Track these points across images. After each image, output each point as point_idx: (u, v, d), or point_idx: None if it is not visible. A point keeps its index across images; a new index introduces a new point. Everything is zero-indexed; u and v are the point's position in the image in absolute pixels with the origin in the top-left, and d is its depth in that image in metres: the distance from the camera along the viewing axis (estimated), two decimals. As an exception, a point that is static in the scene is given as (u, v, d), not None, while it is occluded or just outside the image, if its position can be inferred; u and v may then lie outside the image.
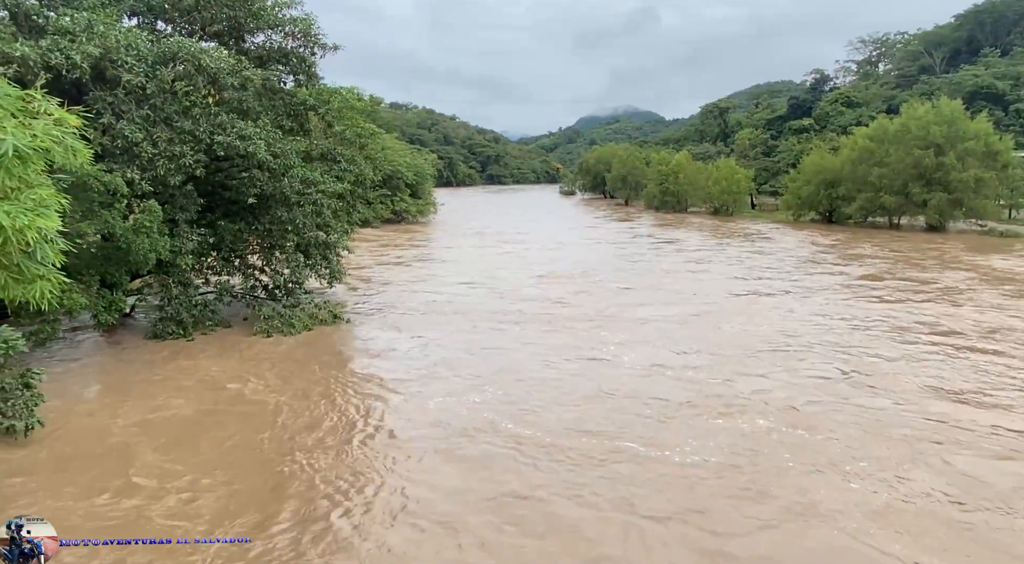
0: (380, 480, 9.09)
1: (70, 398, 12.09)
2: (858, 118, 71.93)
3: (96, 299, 14.32)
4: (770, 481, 8.94)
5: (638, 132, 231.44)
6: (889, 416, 11.27)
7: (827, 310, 19.74)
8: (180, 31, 17.23)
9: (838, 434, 10.48)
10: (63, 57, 12.72)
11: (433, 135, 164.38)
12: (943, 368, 13.93)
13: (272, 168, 16.46)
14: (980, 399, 12.07)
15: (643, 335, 16.87)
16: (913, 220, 46.82)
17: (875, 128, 47.83)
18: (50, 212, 5.32)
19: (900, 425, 10.86)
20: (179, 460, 9.58)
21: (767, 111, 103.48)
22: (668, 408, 11.68)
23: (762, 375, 13.55)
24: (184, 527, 7.79)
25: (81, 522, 7.87)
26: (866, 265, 29.16)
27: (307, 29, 18.04)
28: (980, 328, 17.21)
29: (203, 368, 13.99)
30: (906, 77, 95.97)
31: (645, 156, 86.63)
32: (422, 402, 12.06)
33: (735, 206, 61.38)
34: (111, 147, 13.99)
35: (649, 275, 27.47)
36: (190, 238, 15.89)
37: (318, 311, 17.84)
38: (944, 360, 14.51)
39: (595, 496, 8.59)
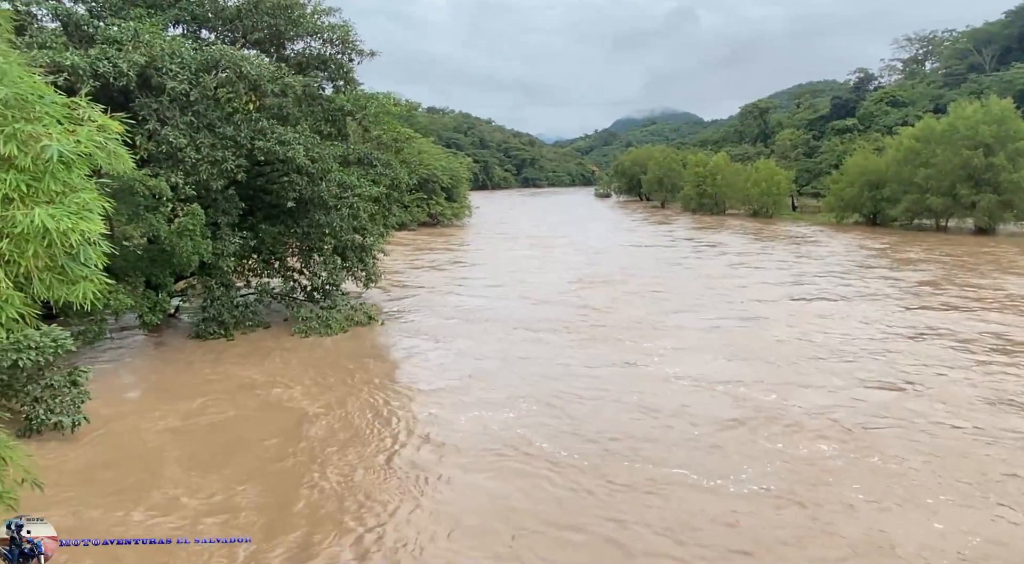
0: (404, 507, 8.38)
1: (113, 398, 12.42)
2: (904, 118, 69.93)
3: (141, 300, 14.76)
4: (837, 517, 7.97)
5: (675, 134, 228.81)
6: (968, 439, 10.19)
7: (883, 318, 18.76)
8: (223, 39, 17.67)
9: (912, 461, 9.41)
10: (111, 65, 13.15)
11: (469, 139, 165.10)
12: (1021, 384, 12.86)
13: (310, 172, 16.75)
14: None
15: (688, 345, 16.04)
16: (961, 222, 45.33)
17: (921, 128, 46.46)
18: (93, 215, 5.45)
19: (982, 450, 9.79)
20: (211, 469, 9.36)
21: (809, 111, 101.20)
22: (719, 428, 10.77)
23: (820, 390, 12.59)
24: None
25: (106, 528, 7.88)
26: (920, 270, 28.09)
27: (345, 36, 18.34)
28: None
29: (242, 371, 14.16)
30: (954, 76, 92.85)
31: (682, 158, 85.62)
32: (453, 416, 11.51)
33: (775, 208, 60.18)
34: (156, 152, 14.40)
35: (691, 280, 26.35)
36: (232, 241, 16.28)
37: (354, 313, 18.07)
38: (1021, 375, 13.43)
39: (642, 533, 7.72)
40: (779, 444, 10.16)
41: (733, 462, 9.55)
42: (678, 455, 9.80)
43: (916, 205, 44.61)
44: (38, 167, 5.32)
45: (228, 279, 17.09)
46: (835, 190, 51.55)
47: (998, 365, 14.18)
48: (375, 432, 10.98)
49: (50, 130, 5.55)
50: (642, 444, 10.20)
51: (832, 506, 8.28)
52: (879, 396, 12.29)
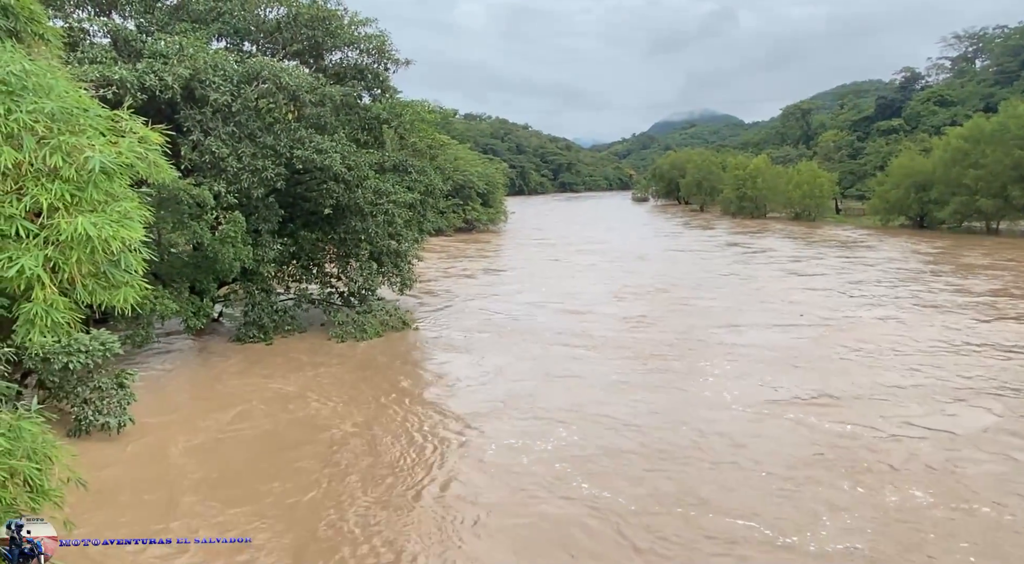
0: (422, 561, 7.51)
1: (155, 403, 12.58)
2: (952, 118, 67.66)
3: (186, 305, 15.22)
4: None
5: (715, 136, 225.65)
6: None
7: (959, 332, 17.14)
8: (263, 51, 18.17)
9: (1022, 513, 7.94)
10: (156, 79, 13.65)
11: (506, 144, 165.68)
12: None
13: (347, 180, 17.06)
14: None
15: (746, 365, 14.59)
16: (1013, 225, 43.65)
17: (970, 128, 44.93)
18: (134, 223, 5.67)
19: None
20: (233, 499, 8.76)
21: (853, 112, 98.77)
22: (789, 467, 9.33)
23: (903, 420, 11.00)
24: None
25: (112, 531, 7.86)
26: (987, 277, 26.20)
27: (381, 46, 18.67)
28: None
29: (278, 381, 14.03)
30: (1006, 73, 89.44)
31: (721, 160, 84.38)
32: (486, 445, 10.50)
33: (818, 211, 58.82)
34: (200, 162, 14.87)
35: (742, 289, 24.78)
36: (272, 247, 16.69)
37: (389, 318, 18.30)
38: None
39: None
40: (861, 488, 8.67)
41: (809, 512, 8.10)
42: (743, 502, 8.36)
43: (965, 207, 43.12)
44: (82, 177, 5.55)
45: (268, 285, 17.50)
46: (880, 192, 50.17)
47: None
48: (404, 462, 10.07)
49: (93, 142, 5.81)
50: (699, 486, 8.81)
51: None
52: (970, 425, 10.79)
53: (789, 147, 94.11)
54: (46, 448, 6.02)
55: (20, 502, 5.35)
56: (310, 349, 16.47)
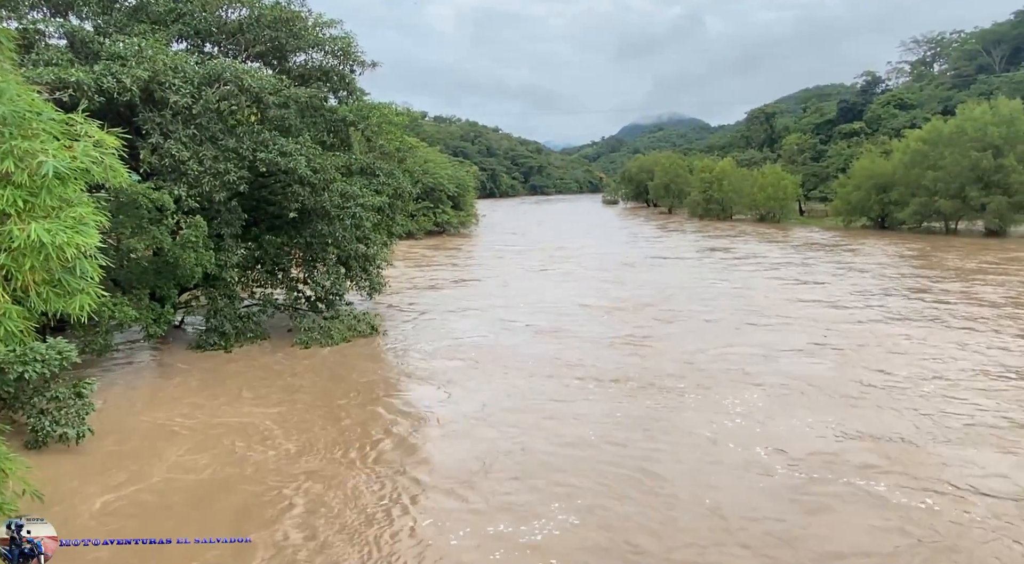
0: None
1: (109, 415, 12.19)
2: (912, 120, 69.58)
3: (146, 312, 14.90)
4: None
5: (682, 139, 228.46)
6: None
7: (1009, 354, 15.23)
8: (225, 53, 17.91)
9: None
10: (114, 81, 13.38)
11: (476, 147, 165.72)
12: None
13: (312, 183, 16.89)
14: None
15: (775, 400, 12.41)
16: (971, 225, 45.02)
17: (929, 130, 46.30)
18: (89, 229, 5.59)
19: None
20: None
21: (816, 115, 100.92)
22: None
23: (1001, 476, 8.80)
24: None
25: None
26: (992, 285, 24.77)
27: (346, 47, 18.54)
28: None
29: (229, 402, 12.96)
30: (963, 77, 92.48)
31: (688, 164, 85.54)
32: (454, 530, 8.03)
33: (782, 213, 60.04)
34: (159, 166, 14.60)
35: (741, 302, 22.59)
36: (235, 252, 16.46)
37: (357, 323, 18.16)
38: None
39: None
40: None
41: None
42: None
43: (925, 208, 44.38)
44: (35, 183, 5.45)
45: (232, 290, 17.23)
46: (842, 194, 51.37)
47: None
48: (355, 550, 7.68)
49: (47, 146, 5.69)
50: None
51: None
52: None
53: (754, 150, 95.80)
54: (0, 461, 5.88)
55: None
56: (270, 360, 15.97)
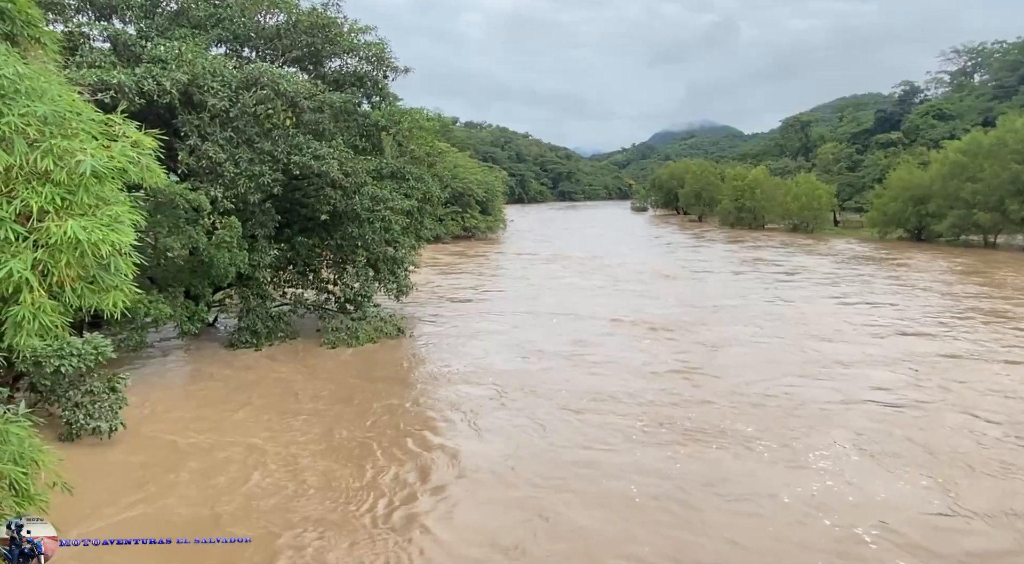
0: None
1: (138, 411, 12.24)
2: (951, 131, 67.93)
3: (180, 310, 15.19)
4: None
5: (715, 147, 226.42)
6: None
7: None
8: (263, 57, 18.23)
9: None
10: (154, 83, 13.69)
11: (506, 153, 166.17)
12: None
13: (344, 186, 17.07)
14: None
15: (865, 450, 10.38)
16: (1010, 238, 43.76)
17: (968, 141, 45.19)
18: (124, 227, 5.67)
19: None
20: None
21: (852, 124, 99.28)
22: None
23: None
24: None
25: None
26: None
27: (380, 53, 18.76)
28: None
29: (254, 412, 12.63)
30: (1004, 88, 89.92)
31: (720, 171, 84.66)
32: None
33: (816, 223, 58.99)
34: (197, 167, 14.89)
35: (799, 325, 20.05)
36: (268, 253, 16.70)
37: (384, 324, 18.29)
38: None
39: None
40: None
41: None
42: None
43: (963, 221, 43.28)
44: (73, 181, 5.56)
45: (264, 290, 17.49)
46: (878, 205, 50.35)
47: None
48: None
49: (85, 145, 5.84)
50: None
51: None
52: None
53: (788, 159, 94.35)
54: (32, 452, 6.00)
55: (5, 506, 5.32)
56: (297, 361, 16.06)
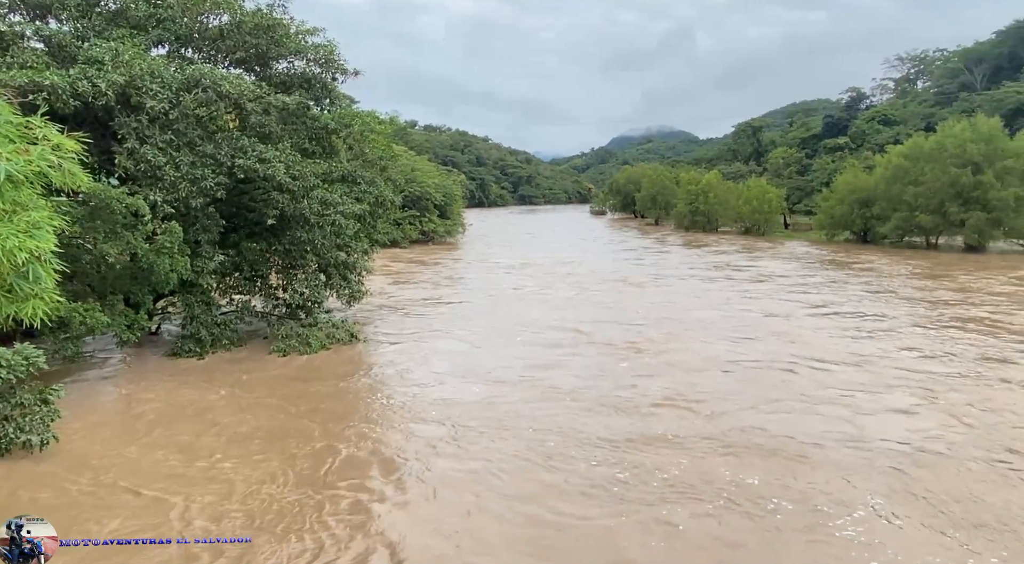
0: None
1: (70, 425, 11.67)
2: (895, 136, 70.54)
3: (119, 318, 14.73)
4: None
5: (671, 152, 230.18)
6: None
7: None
8: (206, 59, 17.85)
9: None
10: (90, 85, 13.28)
11: (466, 156, 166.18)
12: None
13: (292, 190, 16.80)
14: None
15: (898, 506, 8.57)
16: (951, 240, 45.52)
17: (910, 146, 46.94)
18: (43, 233, 5.52)
19: None
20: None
21: (802, 130, 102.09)
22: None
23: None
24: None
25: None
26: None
27: (329, 55, 18.53)
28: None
29: (203, 405, 12.72)
30: (945, 94, 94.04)
31: (675, 176, 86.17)
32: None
33: (767, 226, 60.51)
34: (135, 171, 14.48)
35: (783, 338, 18.27)
36: (212, 258, 16.33)
37: (335, 330, 18.05)
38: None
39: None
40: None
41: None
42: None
43: (906, 223, 44.83)
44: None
45: (209, 297, 17.09)
46: (826, 208, 51.83)
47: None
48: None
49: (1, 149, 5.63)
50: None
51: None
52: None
53: (740, 163, 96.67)
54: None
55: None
56: (245, 368, 15.59)
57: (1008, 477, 9.59)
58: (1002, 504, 8.70)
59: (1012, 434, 11.21)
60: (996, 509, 8.59)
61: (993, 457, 10.26)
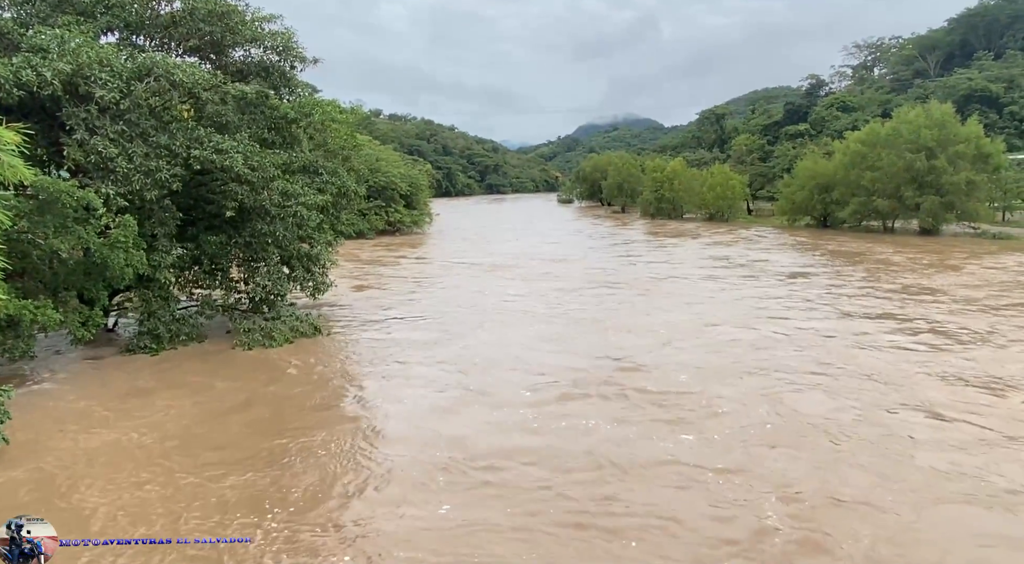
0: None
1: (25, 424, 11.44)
2: (853, 123, 72.04)
3: (72, 315, 14.30)
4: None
5: (637, 139, 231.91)
6: None
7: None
8: (158, 47, 17.33)
9: None
10: (34, 74, 12.78)
11: (432, 146, 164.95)
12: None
13: (251, 181, 16.44)
14: None
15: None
16: (906, 223, 46.79)
17: (867, 132, 48.04)
18: (-22, 229, 5.30)
19: None
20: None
21: (763, 117, 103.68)
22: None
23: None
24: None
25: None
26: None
27: (286, 43, 18.12)
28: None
29: (158, 404, 12.27)
30: (901, 81, 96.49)
31: (641, 163, 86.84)
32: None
33: (730, 212, 61.45)
34: (86, 163, 14.02)
35: (854, 374, 13.39)
36: (170, 252, 15.94)
37: (299, 324, 17.81)
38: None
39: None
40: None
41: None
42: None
43: (863, 207, 45.95)
44: (-87, 180, 5.15)
45: (167, 291, 16.69)
46: (787, 194, 52.83)
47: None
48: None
49: (-70, 142, 5.39)
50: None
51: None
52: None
53: (704, 150, 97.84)
54: None
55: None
56: (205, 362, 15.26)
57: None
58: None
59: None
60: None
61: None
